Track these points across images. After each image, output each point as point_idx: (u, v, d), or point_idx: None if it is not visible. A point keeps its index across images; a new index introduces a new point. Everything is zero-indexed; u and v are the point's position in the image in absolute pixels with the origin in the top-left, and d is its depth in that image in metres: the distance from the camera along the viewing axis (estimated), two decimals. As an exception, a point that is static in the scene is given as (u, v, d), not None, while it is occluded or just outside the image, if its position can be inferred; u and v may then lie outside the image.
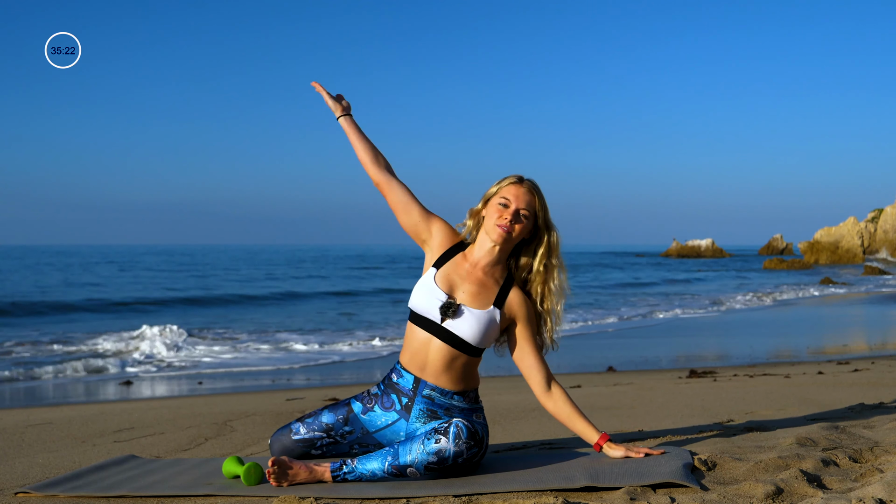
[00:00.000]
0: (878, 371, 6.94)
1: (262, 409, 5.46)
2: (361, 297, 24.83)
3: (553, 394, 3.12)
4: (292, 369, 9.70)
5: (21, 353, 11.47)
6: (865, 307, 18.94)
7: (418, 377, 3.08)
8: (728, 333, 14.06)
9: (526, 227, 3.13)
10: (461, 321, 3.04)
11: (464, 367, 3.09)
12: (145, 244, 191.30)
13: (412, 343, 3.11)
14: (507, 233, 3.06)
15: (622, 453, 3.02)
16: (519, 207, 3.09)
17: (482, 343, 3.08)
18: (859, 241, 58.16)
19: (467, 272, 3.12)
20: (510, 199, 3.10)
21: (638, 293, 26.43)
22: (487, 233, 3.11)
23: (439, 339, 3.05)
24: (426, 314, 3.08)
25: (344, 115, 3.33)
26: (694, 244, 75.93)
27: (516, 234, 3.10)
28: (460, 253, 3.17)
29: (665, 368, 8.48)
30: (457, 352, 3.05)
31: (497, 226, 3.07)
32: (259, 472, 2.93)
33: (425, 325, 3.08)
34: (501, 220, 3.06)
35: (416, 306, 3.11)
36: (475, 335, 3.04)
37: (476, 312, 3.05)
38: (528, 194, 3.13)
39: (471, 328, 3.04)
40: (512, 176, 3.16)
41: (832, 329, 14.31)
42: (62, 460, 3.73)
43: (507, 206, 3.09)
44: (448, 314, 3.04)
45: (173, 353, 11.29)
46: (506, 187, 3.13)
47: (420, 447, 2.84)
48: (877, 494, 2.39)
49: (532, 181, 3.17)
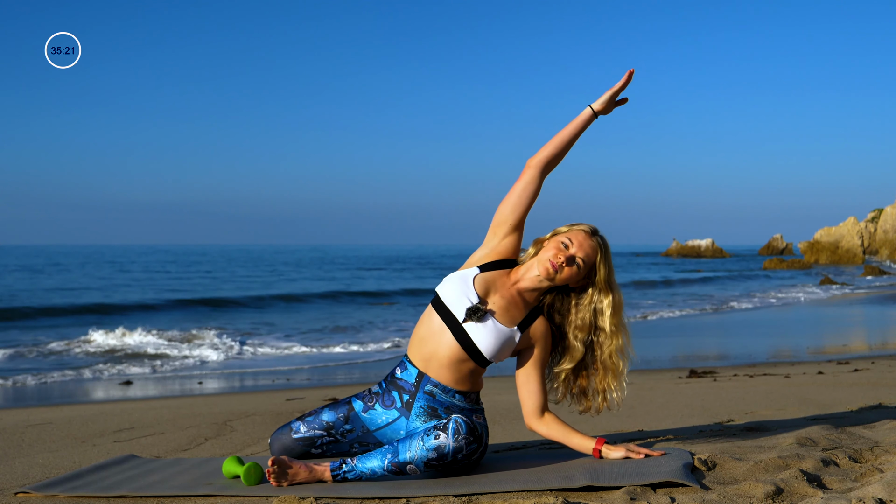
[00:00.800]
0: (878, 371, 6.94)
1: (262, 409, 5.46)
2: (359, 299, 24.81)
3: (546, 419, 3.14)
4: (291, 370, 9.70)
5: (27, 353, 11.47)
6: (865, 307, 18.94)
7: (422, 371, 3.09)
8: (728, 333, 14.06)
9: (575, 276, 3.10)
10: (482, 328, 3.04)
11: (469, 372, 3.10)
12: (145, 244, 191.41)
13: (425, 329, 3.11)
14: (554, 271, 3.06)
15: (622, 454, 3.02)
16: (577, 255, 3.08)
17: (493, 357, 3.08)
18: (859, 241, 58.14)
19: (506, 287, 3.12)
20: (573, 243, 3.10)
21: (638, 293, 26.41)
22: (539, 262, 3.10)
23: (452, 336, 3.05)
24: (451, 307, 3.07)
25: (603, 113, 3.23)
26: (694, 244, 75.91)
27: (562, 277, 3.08)
28: (508, 269, 3.17)
29: (665, 368, 8.48)
30: (465, 355, 3.06)
31: (549, 260, 3.07)
32: (259, 472, 2.93)
33: (445, 317, 3.07)
34: (555, 258, 3.06)
35: (445, 296, 3.10)
36: (490, 348, 3.05)
37: (499, 327, 3.06)
38: (593, 248, 3.12)
39: (488, 340, 3.04)
40: (587, 225, 3.16)
41: (832, 329, 14.31)
42: (62, 460, 3.73)
43: (567, 248, 3.09)
44: (473, 317, 3.04)
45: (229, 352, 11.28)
46: (576, 232, 3.13)
47: (419, 444, 2.84)
48: (877, 494, 2.39)
49: (603, 238, 3.16)
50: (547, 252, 3.09)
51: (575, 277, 3.11)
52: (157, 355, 11.11)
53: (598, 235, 3.15)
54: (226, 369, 9.77)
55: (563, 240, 3.10)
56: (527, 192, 3.17)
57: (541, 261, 3.09)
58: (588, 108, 3.22)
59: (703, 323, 16.23)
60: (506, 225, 3.18)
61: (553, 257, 3.07)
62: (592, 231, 3.15)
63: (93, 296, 24.72)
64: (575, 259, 3.08)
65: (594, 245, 3.12)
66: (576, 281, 3.13)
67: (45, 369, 9.68)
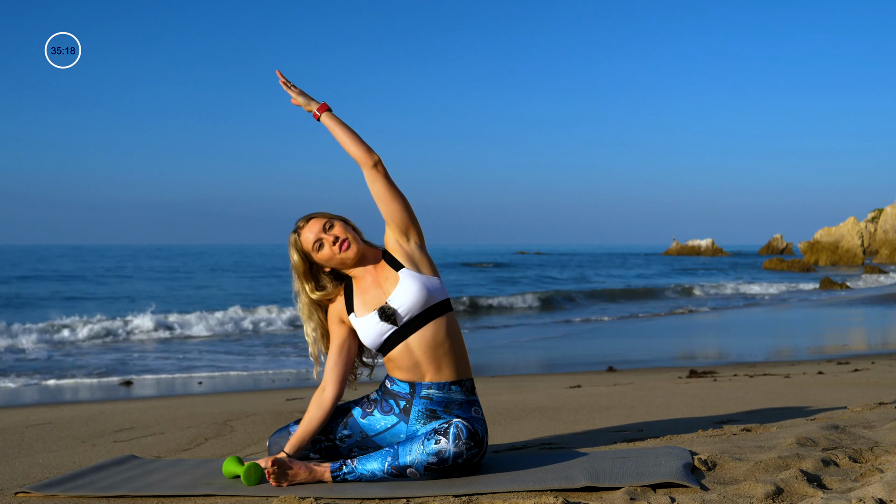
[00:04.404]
0: (878, 371, 6.94)
1: (262, 409, 5.46)
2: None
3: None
4: (290, 372, 9.69)
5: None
6: (865, 307, 18.94)
7: (413, 381, 3.08)
8: (728, 333, 14.06)
9: (341, 227, 3.14)
10: (402, 305, 3.04)
11: (449, 336, 3.07)
12: (145, 244, 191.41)
13: (397, 364, 3.10)
14: (347, 244, 3.11)
15: (304, 100, 3.25)
16: (322, 232, 3.13)
17: (432, 294, 3.07)
18: (859, 241, 58.10)
19: (372, 282, 3.14)
20: (312, 237, 3.14)
21: (637, 293, 26.41)
22: (344, 265, 3.15)
23: (411, 335, 3.05)
24: (384, 336, 3.08)
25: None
26: (694, 244, 75.96)
27: (350, 237, 3.12)
28: (354, 285, 3.18)
29: (665, 368, 8.48)
30: (432, 325, 3.05)
31: (339, 257, 3.11)
32: (259, 472, 2.93)
33: (393, 342, 3.08)
34: (334, 249, 3.11)
35: (374, 341, 3.10)
36: (418, 297, 3.05)
37: (400, 289, 3.06)
38: (312, 221, 3.16)
39: (410, 299, 3.04)
40: (291, 235, 3.19)
41: (832, 329, 14.30)
42: (62, 460, 3.73)
43: (322, 244, 3.13)
44: (389, 315, 3.05)
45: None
46: (300, 245, 3.16)
47: (420, 448, 2.84)
48: (877, 494, 2.39)
49: (301, 220, 3.20)
50: (331, 261, 3.14)
51: (346, 231, 3.14)
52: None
53: (297, 225, 3.19)
54: (227, 372, 9.77)
55: (314, 247, 3.14)
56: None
57: (341, 264, 3.14)
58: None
59: (703, 323, 16.24)
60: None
61: (334, 250, 3.11)
62: (295, 229, 3.18)
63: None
64: (333, 236, 3.11)
65: (307, 222, 3.16)
66: (347, 230, 3.15)
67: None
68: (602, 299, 23.46)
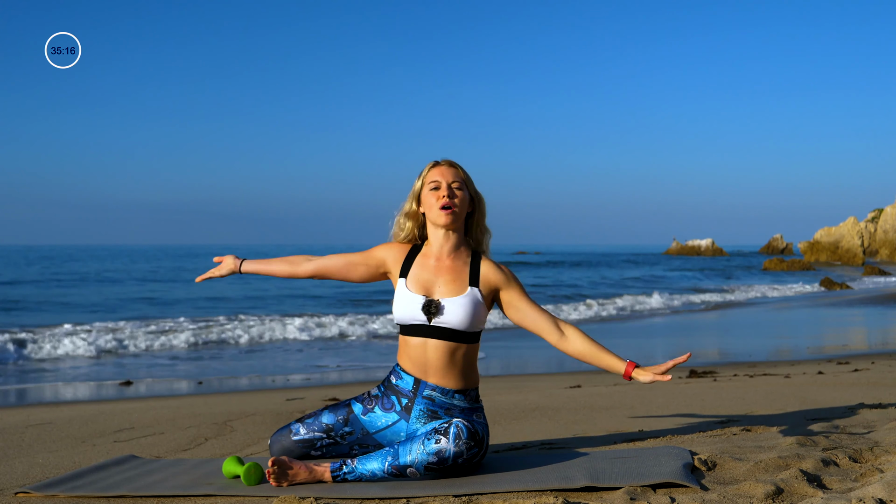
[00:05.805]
0: (878, 371, 6.94)
1: (262, 409, 5.46)
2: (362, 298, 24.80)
3: (568, 336, 3.14)
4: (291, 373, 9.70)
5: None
6: (865, 307, 18.93)
7: (419, 378, 3.09)
8: (728, 333, 14.06)
9: (465, 199, 3.14)
10: (448, 312, 3.05)
11: (465, 359, 3.09)
12: (145, 244, 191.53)
13: (409, 351, 3.11)
14: (451, 210, 3.08)
15: (650, 378, 3.03)
16: (449, 182, 3.11)
17: (474, 325, 3.08)
18: (859, 241, 58.10)
19: (434, 267, 3.13)
20: (438, 179, 3.12)
21: (636, 294, 26.40)
22: (434, 221, 3.12)
23: (434, 339, 3.06)
24: (413, 321, 3.08)
25: (241, 263, 3.37)
26: (694, 244, 75.92)
27: (460, 208, 3.11)
28: (419, 254, 3.17)
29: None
30: (455, 343, 3.06)
31: (440, 209, 3.08)
32: (259, 472, 2.93)
33: (417, 331, 3.08)
34: (441, 200, 3.08)
35: (401, 317, 3.11)
36: (464, 320, 3.05)
37: (457, 300, 3.06)
38: (451, 168, 3.16)
39: (457, 316, 3.04)
40: (428, 164, 3.18)
41: (832, 329, 14.30)
42: (62, 460, 3.73)
43: (438, 188, 3.11)
44: (432, 311, 3.05)
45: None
46: (428, 174, 3.16)
47: (420, 447, 2.84)
48: (877, 494, 2.39)
49: (448, 159, 3.19)
50: (431, 208, 3.11)
51: (466, 200, 3.13)
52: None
53: (442, 160, 3.18)
54: (227, 374, 9.76)
55: (430, 186, 3.12)
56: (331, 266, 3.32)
57: (434, 218, 3.11)
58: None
59: (703, 323, 16.23)
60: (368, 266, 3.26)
61: (438, 202, 3.09)
62: (435, 162, 3.18)
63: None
64: (452, 187, 3.10)
65: (449, 165, 3.16)
66: (469, 203, 3.15)
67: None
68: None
